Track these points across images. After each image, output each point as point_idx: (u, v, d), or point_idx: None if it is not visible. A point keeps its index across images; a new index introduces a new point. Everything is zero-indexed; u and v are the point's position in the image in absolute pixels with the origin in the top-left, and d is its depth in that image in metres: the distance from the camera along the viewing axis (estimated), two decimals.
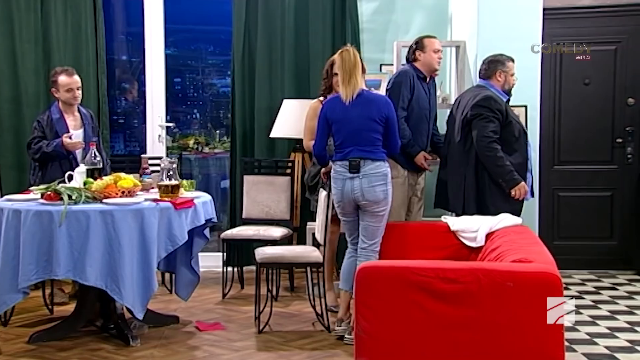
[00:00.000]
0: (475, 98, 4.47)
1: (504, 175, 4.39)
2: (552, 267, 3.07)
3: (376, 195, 4.04)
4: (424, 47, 4.77)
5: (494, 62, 4.63)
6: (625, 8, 5.80)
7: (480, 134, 4.40)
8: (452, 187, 4.58)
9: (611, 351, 3.98)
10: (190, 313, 4.74)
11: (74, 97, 4.82)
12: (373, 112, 4.07)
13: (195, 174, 6.97)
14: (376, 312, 3.04)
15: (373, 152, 4.08)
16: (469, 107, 4.48)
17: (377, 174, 4.06)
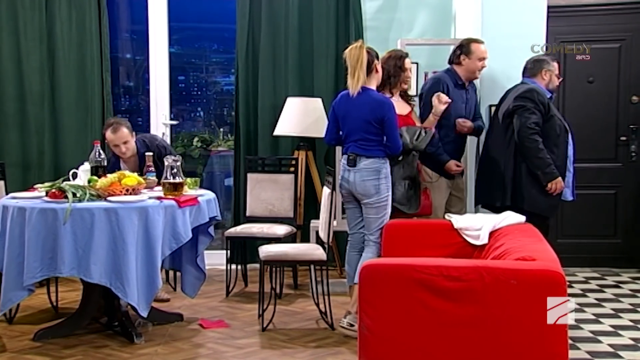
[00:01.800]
0: (519, 91, 4.49)
1: (542, 167, 4.39)
2: (556, 265, 3.07)
3: (367, 188, 4.24)
4: (471, 52, 4.71)
5: (540, 61, 4.62)
6: (629, 6, 5.79)
7: (523, 125, 4.39)
8: (492, 180, 4.57)
9: (615, 349, 3.98)
10: (194, 311, 4.75)
11: (122, 153, 4.79)
12: (367, 114, 4.21)
13: (199, 172, 6.97)
14: (380, 310, 3.04)
15: (368, 150, 4.25)
16: (511, 100, 4.49)
17: (369, 169, 4.24)
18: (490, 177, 4.58)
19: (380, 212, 4.27)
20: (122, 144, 4.75)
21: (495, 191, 4.52)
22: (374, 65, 4.27)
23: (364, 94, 4.20)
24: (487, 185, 4.61)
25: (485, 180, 4.64)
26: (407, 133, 4.42)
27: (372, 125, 4.21)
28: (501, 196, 4.49)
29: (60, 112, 5.87)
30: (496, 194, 4.52)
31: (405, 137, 4.39)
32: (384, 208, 4.28)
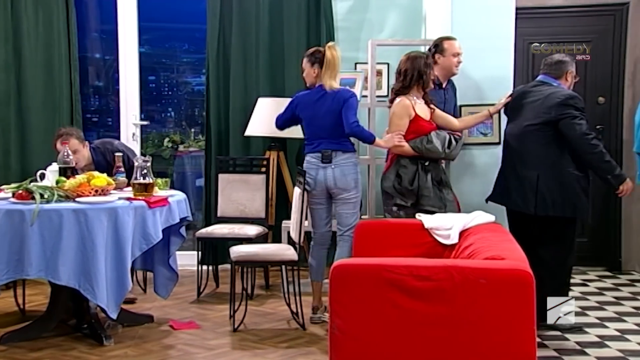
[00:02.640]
0: (557, 96, 4.30)
1: (612, 171, 4.28)
2: (524, 264, 3.09)
3: (348, 182, 4.39)
4: (444, 50, 4.72)
5: (564, 62, 4.49)
6: (595, 8, 5.89)
7: (580, 133, 4.22)
8: (520, 187, 4.38)
9: (582, 346, 4.04)
10: (164, 312, 4.72)
11: (75, 162, 4.62)
12: (335, 106, 4.37)
13: (170, 173, 6.94)
14: (350, 310, 3.04)
15: (342, 144, 4.40)
16: (550, 106, 4.29)
17: (348, 164, 4.40)
18: (522, 185, 4.37)
19: (357, 207, 4.47)
20: (72, 154, 4.65)
21: (523, 198, 4.35)
22: None
23: (333, 91, 4.40)
24: (519, 192, 4.38)
25: (516, 187, 4.41)
26: (437, 139, 4.34)
27: (334, 115, 4.37)
28: (535, 204, 4.31)
29: (27, 112, 5.79)
30: (523, 201, 4.35)
31: (437, 145, 4.32)
32: (358, 203, 4.48)
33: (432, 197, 4.36)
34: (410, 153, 4.38)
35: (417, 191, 4.36)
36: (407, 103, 4.38)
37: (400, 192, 4.37)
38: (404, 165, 4.39)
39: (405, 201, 4.37)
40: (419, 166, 4.36)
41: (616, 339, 4.16)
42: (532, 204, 4.33)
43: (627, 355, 3.88)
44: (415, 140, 4.37)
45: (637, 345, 4.05)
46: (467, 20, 5.05)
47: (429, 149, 4.34)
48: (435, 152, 4.34)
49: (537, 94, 4.43)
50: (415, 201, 4.35)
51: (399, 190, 4.38)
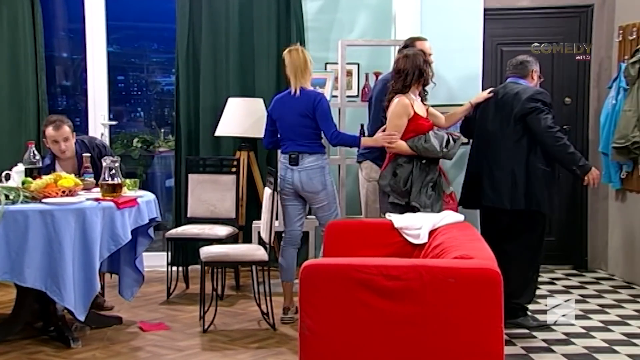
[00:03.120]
0: (527, 92, 4.41)
1: (577, 162, 4.36)
2: (492, 263, 3.11)
3: (314, 186, 4.42)
4: (402, 51, 4.73)
5: (528, 61, 4.59)
6: (561, 10, 5.98)
7: (544, 126, 4.32)
8: (494, 183, 4.44)
9: (548, 344, 4.09)
10: (133, 313, 4.68)
11: (61, 151, 4.64)
12: (302, 108, 4.39)
13: (140, 173, 6.88)
14: (320, 310, 3.04)
15: (309, 146, 4.41)
16: (519, 101, 4.38)
17: (314, 167, 4.40)
18: (496, 180, 4.43)
19: (332, 207, 4.49)
20: (63, 141, 4.62)
21: (505, 194, 4.40)
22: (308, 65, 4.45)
23: (301, 93, 4.40)
24: (493, 188, 4.45)
25: (490, 183, 4.46)
26: (435, 139, 4.31)
27: (308, 119, 4.37)
28: (510, 198, 4.38)
29: None
30: (505, 196, 4.39)
31: (435, 144, 4.28)
32: (334, 201, 4.49)
33: (421, 196, 4.31)
34: (407, 152, 4.32)
35: (410, 190, 4.32)
36: (406, 102, 4.32)
37: (395, 190, 4.34)
38: (401, 164, 4.34)
39: (399, 199, 4.33)
40: (415, 165, 4.33)
41: (582, 336, 4.22)
42: (507, 198, 4.39)
43: (592, 352, 3.94)
44: (414, 139, 4.31)
45: (601, 342, 4.12)
46: (437, 21, 5.08)
47: (427, 148, 4.28)
48: (433, 151, 4.29)
49: (507, 92, 4.52)
50: (408, 200, 4.31)
51: (394, 188, 4.34)
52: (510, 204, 4.39)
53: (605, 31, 5.88)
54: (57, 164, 4.76)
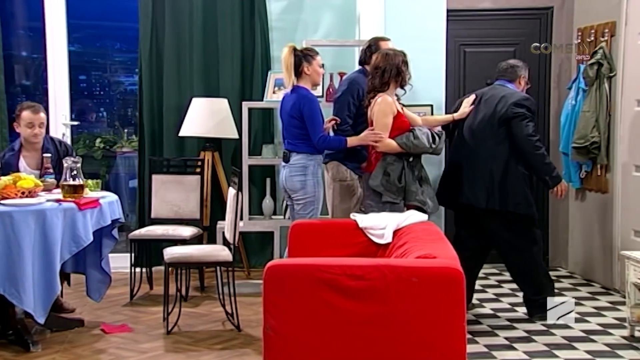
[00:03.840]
0: (514, 97, 4.50)
1: (550, 172, 4.50)
2: (455, 262, 3.15)
3: (294, 184, 4.45)
4: (380, 50, 4.71)
5: (517, 66, 4.70)
6: (522, 12, 6.05)
7: (526, 133, 4.42)
8: (472, 181, 4.52)
9: (510, 341, 4.15)
10: (96, 316, 4.63)
11: (34, 135, 4.60)
12: (290, 108, 4.47)
13: (102, 174, 6.80)
14: (284, 310, 3.04)
15: (297, 146, 4.47)
16: (505, 105, 4.46)
17: (296, 165, 4.45)
18: (474, 179, 4.52)
19: (307, 209, 4.48)
20: (38, 126, 4.60)
21: (481, 192, 4.48)
22: (301, 67, 4.48)
23: (293, 92, 4.48)
24: (470, 186, 4.53)
25: (468, 181, 4.54)
26: (422, 135, 4.32)
27: (295, 119, 4.44)
28: (487, 198, 4.47)
29: None
30: (481, 195, 4.48)
31: (423, 141, 4.30)
32: (311, 204, 4.47)
33: (418, 193, 4.33)
34: (396, 149, 4.31)
35: (405, 187, 4.32)
36: (390, 100, 4.32)
37: (389, 189, 4.31)
38: (391, 162, 4.32)
39: (394, 198, 4.31)
40: (405, 163, 4.33)
41: (542, 334, 4.28)
42: (484, 197, 4.48)
43: (552, 349, 4.01)
44: (402, 137, 4.30)
45: (561, 339, 4.19)
46: (400, 22, 5.11)
47: (417, 145, 4.28)
48: (423, 147, 4.30)
49: (494, 94, 4.60)
50: (403, 197, 4.32)
51: (388, 187, 4.31)
52: (486, 203, 4.48)
53: (565, 33, 5.98)
54: (21, 158, 4.67)
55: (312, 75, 4.53)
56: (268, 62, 5.88)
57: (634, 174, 5.05)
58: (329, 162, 4.78)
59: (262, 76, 5.77)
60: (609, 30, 5.26)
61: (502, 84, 4.70)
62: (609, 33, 5.26)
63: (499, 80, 4.74)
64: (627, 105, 5.12)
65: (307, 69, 4.51)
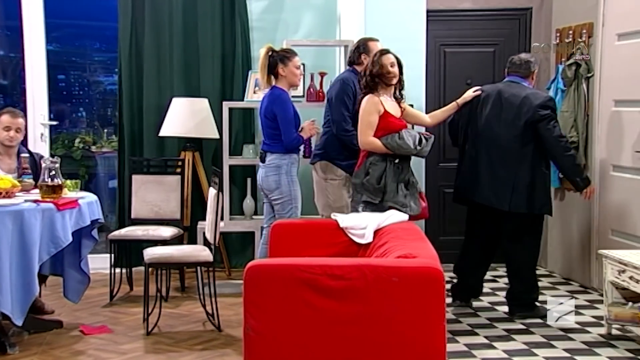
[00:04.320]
0: (538, 98, 4.47)
1: (581, 174, 4.56)
2: (435, 261, 3.16)
3: (269, 184, 4.55)
4: (371, 51, 4.67)
5: (531, 62, 4.65)
6: (502, 12, 6.10)
7: (556, 135, 4.43)
8: (495, 183, 4.50)
9: (490, 340, 4.17)
10: (75, 317, 4.59)
11: (9, 138, 4.54)
12: (264, 109, 4.56)
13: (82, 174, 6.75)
14: (264, 310, 3.04)
15: (271, 146, 4.56)
16: (531, 107, 4.42)
17: (270, 165, 4.54)
18: (498, 181, 4.50)
19: (285, 208, 4.53)
20: (15, 130, 4.56)
21: (505, 195, 4.47)
22: (276, 69, 4.56)
23: (269, 93, 4.56)
24: (493, 188, 4.52)
25: (490, 183, 4.53)
26: (409, 137, 4.31)
27: (269, 120, 4.50)
28: (510, 200, 4.46)
29: None
30: (505, 198, 4.47)
31: (408, 142, 4.28)
32: (289, 203, 4.54)
33: (398, 195, 4.31)
34: (381, 149, 4.30)
35: (384, 189, 4.30)
36: (375, 100, 4.32)
37: (367, 189, 4.31)
38: (374, 162, 4.32)
39: (372, 198, 4.30)
40: (388, 164, 4.33)
41: (522, 333, 4.32)
42: (507, 200, 4.47)
43: (531, 348, 4.04)
44: (387, 137, 4.29)
45: (540, 337, 4.22)
46: (381, 22, 5.13)
47: (400, 145, 4.27)
48: (407, 148, 4.28)
49: (513, 92, 4.55)
50: (381, 199, 4.30)
51: (366, 187, 4.31)
52: (509, 206, 4.47)
53: (544, 34, 6.03)
54: None
55: (288, 76, 4.57)
56: (249, 62, 5.88)
57: (612, 174, 5.10)
58: (318, 162, 4.76)
59: (242, 76, 5.76)
60: (587, 31, 5.31)
61: (516, 80, 4.64)
62: (587, 34, 5.31)
63: (512, 76, 4.67)
64: (604, 106, 5.17)
65: (282, 70, 4.56)
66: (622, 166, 4.98)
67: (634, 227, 4.82)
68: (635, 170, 4.80)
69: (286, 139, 4.49)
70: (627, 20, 4.89)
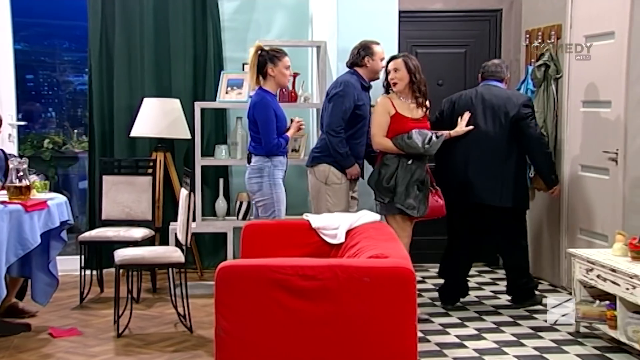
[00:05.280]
0: (520, 98, 4.77)
1: (554, 171, 4.89)
2: (407, 262, 3.18)
3: (251, 186, 4.53)
4: (374, 53, 4.70)
5: (503, 66, 4.91)
6: (472, 14, 6.15)
7: (539, 133, 4.76)
8: (484, 180, 4.66)
9: (461, 339, 4.20)
10: (44, 319, 4.54)
11: None
12: (248, 111, 4.54)
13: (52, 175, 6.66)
14: (236, 312, 3.04)
15: (255, 148, 4.53)
16: (515, 106, 4.65)
17: (254, 167, 4.51)
18: (487, 178, 4.65)
19: (268, 210, 4.49)
20: None
21: (495, 191, 4.65)
22: (265, 69, 4.50)
23: (255, 94, 4.53)
24: (482, 185, 4.66)
25: (480, 181, 4.67)
26: (418, 136, 4.37)
27: (252, 123, 4.50)
28: (500, 196, 4.66)
29: None
30: (495, 193, 4.65)
31: (417, 141, 4.34)
32: (271, 206, 4.49)
33: (409, 197, 4.37)
34: (392, 149, 4.40)
35: (393, 189, 4.38)
36: (384, 101, 4.46)
37: (378, 188, 4.40)
38: (386, 163, 4.42)
39: (382, 198, 4.40)
40: (400, 165, 4.39)
41: (493, 331, 4.36)
42: (498, 195, 4.67)
43: (501, 346, 4.08)
44: (397, 137, 4.38)
45: (511, 336, 4.27)
46: (353, 23, 5.14)
47: (409, 144, 4.34)
48: (415, 147, 4.35)
49: (496, 94, 4.74)
50: (390, 199, 4.39)
51: (377, 186, 4.41)
52: (500, 201, 4.68)
53: (513, 35, 6.09)
54: None
55: (277, 76, 4.54)
56: (221, 62, 5.86)
57: (580, 174, 5.17)
58: (318, 165, 4.73)
59: (214, 76, 5.73)
60: (555, 33, 5.37)
61: (493, 84, 4.83)
62: (556, 35, 5.37)
63: (490, 81, 4.86)
64: (573, 106, 5.24)
65: (271, 70, 4.51)
66: (591, 166, 5.05)
67: (601, 226, 4.89)
68: (603, 170, 4.87)
69: (265, 144, 4.45)
70: (594, 22, 4.97)
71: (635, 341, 3.72)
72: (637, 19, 4.41)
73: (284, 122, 4.59)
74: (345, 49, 4.99)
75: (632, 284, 3.72)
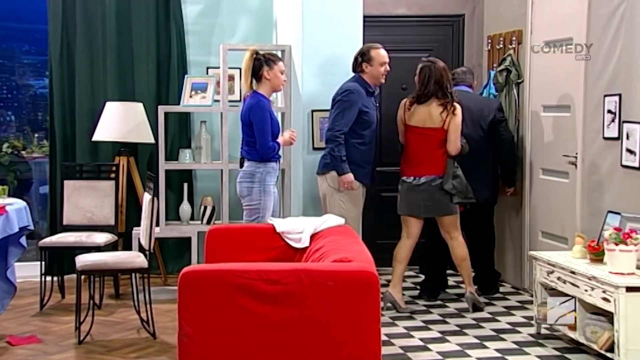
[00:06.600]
0: (493, 102, 5.22)
1: (516, 172, 5.30)
2: (370, 265, 3.19)
3: (241, 190, 4.53)
4: (372, 59, 4.72)
5: (470, 72, 5.32)
6: (436, 18, 6.22)
7: (510, 135, 5.22)
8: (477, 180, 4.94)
9: (425, 342, 4.23)
10: (1, 328, 4.46)
11: None
12: (243, 115, 4.54)
13: (11, 180, 6.55)
14: (199, 317, 3.02)
15: (248, 153, 4.53)
16: (491, 109, 5.07)
17: (246, 172, 4.51)
18: (471, 179, 4.86)
19: (252, 215, 4.50)
20: None
21: (477, 190, 4.91)
22: (261, 72, 4.50)
23: (249, 98, 4.51)
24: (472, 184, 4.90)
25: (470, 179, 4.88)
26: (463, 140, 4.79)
27: (246, 126, 4.49)
28: (481, 194, 4.99)
29: None
30: (477, 192, 4.91)
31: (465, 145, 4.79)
32: (256, 212, 4.49)
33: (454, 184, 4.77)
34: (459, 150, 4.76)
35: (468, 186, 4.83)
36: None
37: (461, 190, 4.76)
38: (456, 166, 4.78)
39: (462, 198, 4.79)
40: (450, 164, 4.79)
41: (456, 334, 4.39)
42: (480, 193, 4.98)
43: (464, 349, 4.12)
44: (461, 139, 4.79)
45: (473, 338, 4.31)
46: (317, 27, 5.15)
47: (464, 147, 4.78)
48: (465, 148, 4.80)
49: (471, 99, 5.09)
50: (473, 196, 4.84)
51: (459, 189, 4.76)
52: (482, 199, 5.04)
53: (476, 40, 6.17)
54: None
55: (273, 80, 4.54)
56: (184, 66, 5.83)
57: (541, 177, 5.25)
58: (329, 172, 4.75)
59: (178, 80, 5.70)
60: (517, 38, 5.45)
61: (464, 89, 5.14)
62: (517, 41, 5.45)
63: (461, 86, 5.15)
64: (534, 111, 5.32)
65: (267, 74, 4.51)
66: (551, 169, 5.13)
67: (561, 228, 4.97)
68: (563, 174, 4.95)
69: (261, 147, 4.43)
70: (554, 28, 5.05)
71: (594, 342, 3.79)
72: (594, 25, 4.50)
73: (277, 127, 4.60)
74: (310, 53, 5.00)
75: (590, 285, 3.78)
